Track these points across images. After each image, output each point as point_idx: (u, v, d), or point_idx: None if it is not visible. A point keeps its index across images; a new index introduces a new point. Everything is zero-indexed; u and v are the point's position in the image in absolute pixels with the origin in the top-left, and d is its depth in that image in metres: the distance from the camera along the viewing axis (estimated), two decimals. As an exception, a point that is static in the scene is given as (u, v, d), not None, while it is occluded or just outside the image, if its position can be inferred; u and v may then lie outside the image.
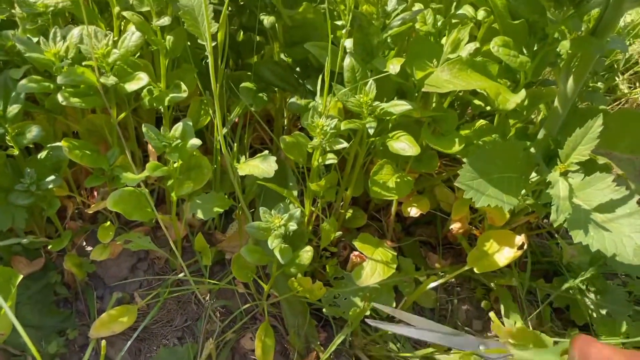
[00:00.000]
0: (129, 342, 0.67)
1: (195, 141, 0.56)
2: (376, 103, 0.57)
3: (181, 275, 0.75)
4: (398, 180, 0.65)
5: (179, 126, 0.55)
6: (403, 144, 0.58)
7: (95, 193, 0.78)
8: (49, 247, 0.66)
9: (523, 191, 0.62)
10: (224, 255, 0.78)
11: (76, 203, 0.77)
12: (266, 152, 0.60)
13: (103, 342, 0.51)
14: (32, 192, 0.58)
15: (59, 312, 0.70)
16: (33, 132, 0.55)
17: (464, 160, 0.58)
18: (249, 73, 0.70)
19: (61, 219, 0.74)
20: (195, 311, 0.75)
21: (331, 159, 0.58)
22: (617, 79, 1.19)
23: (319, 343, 0.74)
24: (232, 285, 0.76)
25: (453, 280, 0.85)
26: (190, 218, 0.77)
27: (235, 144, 0.67)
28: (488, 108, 0.75)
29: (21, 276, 0.51)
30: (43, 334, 0.68)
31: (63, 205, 0.76)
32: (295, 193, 0.70)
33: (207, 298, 0.75)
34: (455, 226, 0.72)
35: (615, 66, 1.18)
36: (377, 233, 0.86)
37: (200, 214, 0.64)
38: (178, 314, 0.75)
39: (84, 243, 0.77)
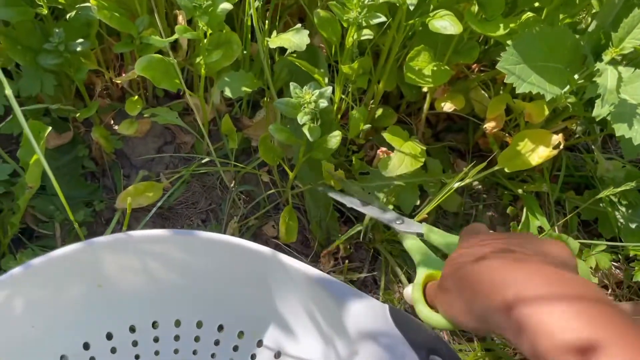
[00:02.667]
0: (151, 213, 0.68)
1: (226, 5, 0.53)
2: (419, -23, 0.54)
3: (207, 159, 0.75)
4: (435, 68, 0.62)
5: (210, -12, 0.53)
6: (445, 22, 0.55)
7: (124, 74, 0.77)
8: (77, 115, 0.65)
9: (567, 87, 0.59)
10: (249, 142, 0.77)
11: (104, 80, 0.76)
12: (299, 25, 0.58)
13: (128, 200, 0.52)
14: (61, 52, 0.57)
15: (87, 185, 0.71)
16: (62, -16, 0.53)
17: (508, 43, 0.55)
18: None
19: (89, 96, 0.74)
20: (220, 196, 0.76)
21: (367, 34, 0.56)
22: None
23: (339, 235, 0.75)
24: (256, 171, 0.75)
25: (480, 187, 0.84)
26: (217, 103, 0.76)
27: (266, 22, 0.64)
28: (537, 5, 0.71)
29: (49, 128, 0.51)
30: (70, 204, 0.69)
31: (91, 81, 0.75)
32: (325, 80, 0.68)
33: (232, 184, 0.75)
34: (489, 125, 0.70)
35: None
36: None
37: (228, 92, 0.63)
38: (202, 197, 0.75)
39: (112, 122, 0.77)
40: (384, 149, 0.74)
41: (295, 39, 0.56)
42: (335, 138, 0.61)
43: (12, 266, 0.58)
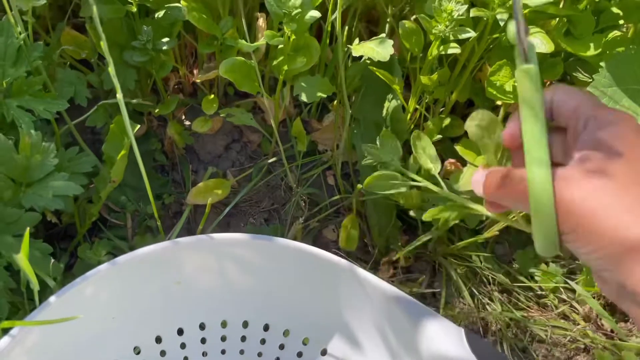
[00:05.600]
0: (225, 212, 0.69)
1: (314, 13, 0.53)
2: (511, -8, 0.53)
3: (273, 159, 0.76)
4: (516, 84, 0.61)
5: (299, -4, 0.53)
6: (535, 40, 0.53)
7: (196, 71, 0.79)
8: (156, 111, 0.67)
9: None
10: (316, 146, 0.77)
11: (178, 77, 0.77)
12: (383, 35, 0.58)
13: (209, 200, 0.53)
14: (148, 50, 0.58)
15: (157, 178, 0.73)
16: (155, -15, 0.54)
17: (601, 64, 0.53)
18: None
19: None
20: (283, 197, 0.76)
21: (454, 48, 0.55)
22: None
23: (400, 244, 0.74)
24: (322, 176, 0.76)
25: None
26: (287, 105, 0.76)
27: (346, 28, 0.64)
28: (621, 22, 0.68)
29: (138, 126, 0.52)
30: (141, 196, 0.71)
31: (166, 76, 0.77)
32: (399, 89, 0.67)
33: (296, 185, 0.75)
34: (565, 144, 0.68)
35: None
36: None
37: (303, 97, 0.63)
38: (266, 197, 0.76)
39: (183, 117, 0.78)
40: (452, 160, 0.73)
41: (379, 49, 0.55)
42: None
43: (88, 255, 0.60)
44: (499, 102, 0.73)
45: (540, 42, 0.54)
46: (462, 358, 0.43)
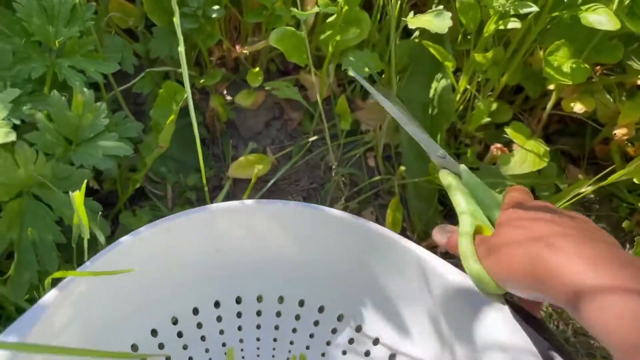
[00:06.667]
0: (267, 186, 0.69)
1: (371, -18, 0.52)
2: (577, -34, 0.50)
3: (314, 138, 0.74)
4: (574, 65, 0.59)
5: (356, -37, 0.51)
6: (601, 17, 0.51)
7: (238, 47, 0.78)
8: (201, 81, 0.66)
9: None
10: (359, 125, 0.76)
11: (222, 50, 0.77)
12: (441, 7, 0.56)
13: (255, 170, 0.52)
14: (198, 17, 0.57)
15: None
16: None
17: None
18: None
19: (206, 65, 0.75)
20: (322, 177, 0.75)
21: (514, 23, 0.53)
22: None
23: (440, 230, 0.72)
24: (362, 157, 0.74)
25: (592, 195, 0.79)
26: (331, 83, 0.75)
27: (398, 2, 0.63)
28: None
29: (189, 91, 0.51)
30: (182, 168, 0.71)
31: (209, 49, 0.76)
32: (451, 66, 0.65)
33: (337, 165, 0.74)
34: (620, 132, 0.65)
35: None
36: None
37: (351, 72, 0.62)
38: (305, 176, 0.75)
39: (225, 92, 0.77)
40: (499, 145, 0.71)
41: (437, 21, 0.53)
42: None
43: (130, 222, 0.59)
44: (550, 87, 0.71)
45: (606, 19, 0.51)
46: (521, 347, 0.41)
